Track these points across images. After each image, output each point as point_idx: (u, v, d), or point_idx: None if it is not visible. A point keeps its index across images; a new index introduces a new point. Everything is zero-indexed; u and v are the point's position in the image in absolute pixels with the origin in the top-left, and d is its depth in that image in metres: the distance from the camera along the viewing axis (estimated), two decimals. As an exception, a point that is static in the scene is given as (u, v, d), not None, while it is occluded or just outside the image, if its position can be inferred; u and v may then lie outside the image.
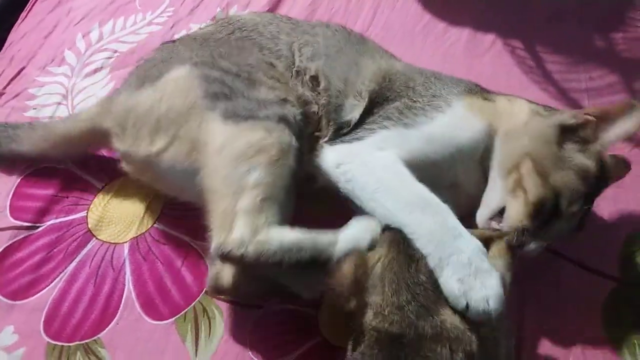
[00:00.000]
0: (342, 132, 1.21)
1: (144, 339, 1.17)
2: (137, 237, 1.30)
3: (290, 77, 1.23)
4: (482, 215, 1.10)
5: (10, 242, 1.30)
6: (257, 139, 1.07)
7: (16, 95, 1.58)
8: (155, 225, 1.30)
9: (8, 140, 1.37)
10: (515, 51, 1.62)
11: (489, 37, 1.65)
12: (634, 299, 1.18)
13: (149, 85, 1.18)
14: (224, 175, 1.06)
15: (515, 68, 1.59)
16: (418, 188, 1.03)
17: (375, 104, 1.21)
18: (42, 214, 1.34)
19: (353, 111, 1.21)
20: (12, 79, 1.62)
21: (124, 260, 1.26)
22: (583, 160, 1.05)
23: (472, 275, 0.89)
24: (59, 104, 1.56)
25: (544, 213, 1.04)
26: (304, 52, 1.27)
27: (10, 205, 1.35)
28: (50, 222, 1.33)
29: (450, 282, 0.89)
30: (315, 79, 1.23)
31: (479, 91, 1.23)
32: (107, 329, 1.18)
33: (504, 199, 1.08)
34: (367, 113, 1.21)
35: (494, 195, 1.10)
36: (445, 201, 1.02)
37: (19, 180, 1.39)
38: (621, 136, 1.05)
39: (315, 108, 1.22)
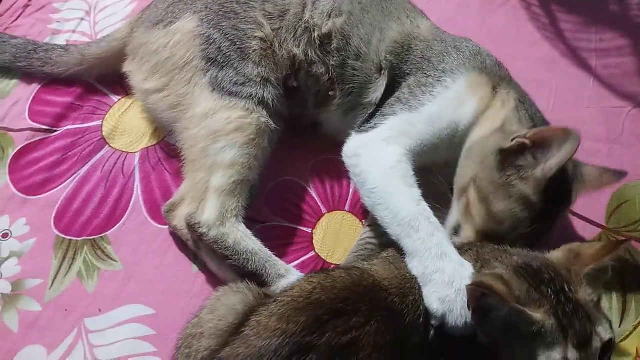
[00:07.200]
0: (359, 103, 1.23)
1: (149, 240, 1.24)
2: (147, 148, 1.35)
3: (277, 39, 1.22)
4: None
5: (28, 142, 1.36)
6: (235, 117, 1.15)
7: (41, 8, 1.63)
8: (166, 139, 1.35)
9: (40, 63, 1.42)
10: (530, 7, 1.64)
11: (507, -8, 1.67)
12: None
13: (162, 28, 1.24)
14: (202, 147, 1.16)
15: (528, 24, 1.62)
16: (410, 198, 1.03)
17: (395, 82, 1.20)
18: (59, 119, 1.40)
19: (376, 92, 1.22)
20: (38, -9, 1.66)
21: (134, 168, 1.33)
22: (524, 188, 1.02)
23: (453, 297, 0.90)
24: (82, 19, 1.60)
25: (493, 237, 1.04)
26: (320, 6, 1.24)
27: (29, 109, 1.41)
28: (66, 127, 1.39)
29: (431, 299, 0.91)
30: (327, 37, 1.22)
31: (495, 72, 1.18)
32: (114, 228, 1.25)
33: (458, 218, 1.09)
34: (388, 91, 1.20)
35: (452, 212, 1.11)
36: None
37: (38, 87, 1.44)
38: (560, 164, 0.99)
39: (321, 69, 1.23)
